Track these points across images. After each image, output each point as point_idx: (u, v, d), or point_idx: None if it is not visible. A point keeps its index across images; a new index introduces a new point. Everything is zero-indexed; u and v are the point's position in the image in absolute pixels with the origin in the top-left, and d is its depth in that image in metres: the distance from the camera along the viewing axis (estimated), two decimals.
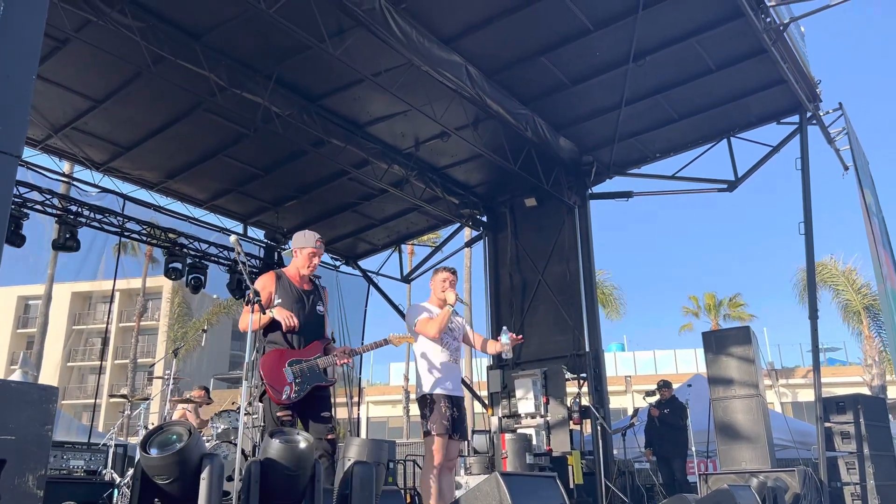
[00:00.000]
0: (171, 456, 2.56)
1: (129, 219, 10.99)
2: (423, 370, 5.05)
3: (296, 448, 2.95)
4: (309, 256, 4.75)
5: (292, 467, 2.95)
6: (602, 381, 11.18)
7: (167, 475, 2.58)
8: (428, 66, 8.48)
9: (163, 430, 2.77)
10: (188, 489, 2.64)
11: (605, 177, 12.16)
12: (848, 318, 27.41)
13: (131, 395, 9.02)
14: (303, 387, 4.39)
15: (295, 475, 2.97)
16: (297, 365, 4.43)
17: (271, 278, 4.66)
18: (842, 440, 9.16)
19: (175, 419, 8.15)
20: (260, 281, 4.67)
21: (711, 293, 35.92)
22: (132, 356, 34.12)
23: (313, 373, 4.46)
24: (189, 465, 2.65)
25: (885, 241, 11.08)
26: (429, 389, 4.99)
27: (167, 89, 8.94)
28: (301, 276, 4.76)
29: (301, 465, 3.04)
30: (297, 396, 4.36)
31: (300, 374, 4.41)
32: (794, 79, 9.74)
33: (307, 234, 4.85)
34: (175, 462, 2.55)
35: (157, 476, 2.62)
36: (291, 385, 4.36)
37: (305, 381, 4.41)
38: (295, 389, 4.36)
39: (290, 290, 4.64)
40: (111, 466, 7.18)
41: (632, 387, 31.74)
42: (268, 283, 4.62)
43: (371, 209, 12.85)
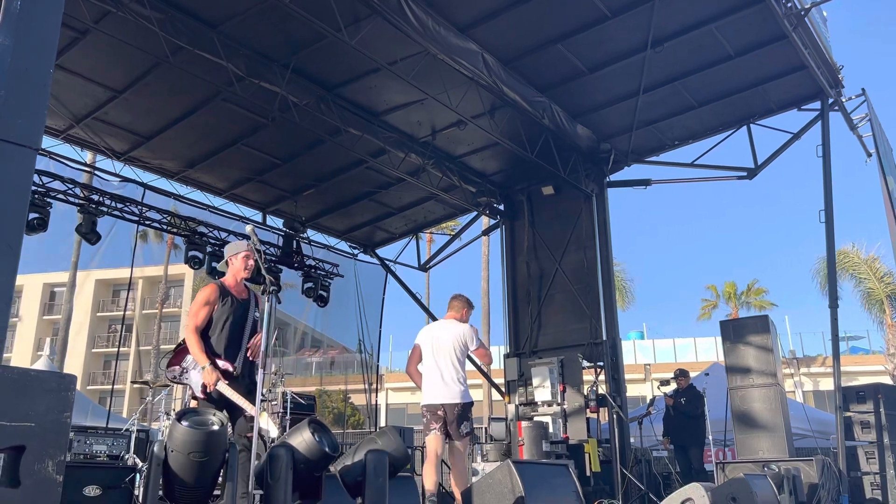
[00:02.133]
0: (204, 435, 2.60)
1: (150, 207, 11.11)
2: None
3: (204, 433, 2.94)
4: (244, 259, 4.94)
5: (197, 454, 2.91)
6: (619, 369, 11.17)
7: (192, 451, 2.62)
8: (444, 54, 8.47)
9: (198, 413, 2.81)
10: (203, 472, 2.70)
11: (622, 165, 12.08)
12: (870, 306, 27.08)
13: (153, 382, 9.18)
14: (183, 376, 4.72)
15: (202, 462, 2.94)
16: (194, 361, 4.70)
17: (215, 293, 4.81)
18: (861, 430, 9.10)
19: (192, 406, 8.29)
20: (203, 295, 4.81)
21: (731, 282, 35.65)
22: (155, 342, 34.61)
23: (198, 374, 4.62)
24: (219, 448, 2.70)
25: None
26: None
27: (186, 79, 9.02)
28: (238, 283, 4.97)
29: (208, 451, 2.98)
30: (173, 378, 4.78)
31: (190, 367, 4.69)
32: (816, 64, 9.60)
33: (237, 242, 5.13)
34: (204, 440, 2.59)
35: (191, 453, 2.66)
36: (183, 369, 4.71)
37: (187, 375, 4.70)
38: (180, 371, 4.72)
39: (231, 303, 4.82)
40: (133, 451, 7.34)
41: (651, 375, 31.62)
42: (211, 297, 4.77)
43: (388, 198, 12.89)
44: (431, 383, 5.70)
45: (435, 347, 5.82)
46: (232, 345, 4.70)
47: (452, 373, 5.68)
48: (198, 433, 2.59)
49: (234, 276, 4.95)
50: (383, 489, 3.02)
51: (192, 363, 4.70)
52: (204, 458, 2.64)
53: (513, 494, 3.57)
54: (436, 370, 5.72)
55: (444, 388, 5.64)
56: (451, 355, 5.74)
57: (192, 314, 4.77)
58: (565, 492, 3.94)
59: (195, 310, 4.76)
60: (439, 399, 5.61)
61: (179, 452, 2.64)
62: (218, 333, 4.73)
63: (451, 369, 5.70)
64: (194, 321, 4.69)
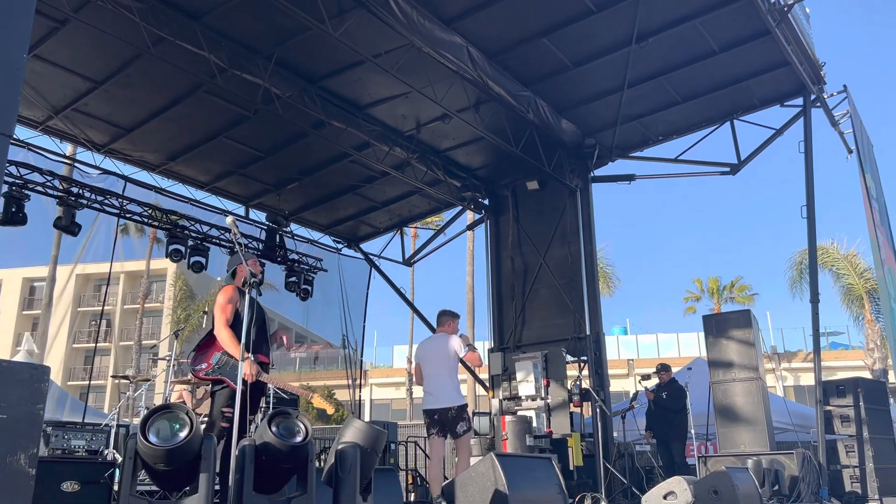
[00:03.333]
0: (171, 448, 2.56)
1: (131, 200, 10.98)
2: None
3: (293, 432, 2.96)
4: (252, 265, 5.12)
5: (286, 452, 2.95)
6: (603, 364, 11.20)
7: (164, 464, 2.59)
8: (429, 47, 8.43)
9: (162, 414, 2.76)
10: (183, 471, 2.66)
11: (607, 160, 12.10)
12: (849, 302, 27.40)
13: (134, 377, 9.08)
14: (215, 372, 5.00)
15: (288, 460, 2.97)
16: (225, 356, 5.01)
17: (236, 292, 5.18)
18: (841, 423, 9.20)
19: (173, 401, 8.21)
20: (226, 294, 5.16)
21: (715, 277, 35.91)
22: (137, 338, 34.31)
23: (233, 370, 4.85)
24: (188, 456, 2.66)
25: (885, 225, 11.04)
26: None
27: (167, 70, 8.90)
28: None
29: (295, 456, 3.04)
30: (204, 376, 5.04)
31: (223, 363, 5.00)
32: (798, 61, 9.66)
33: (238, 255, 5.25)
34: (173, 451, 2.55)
35: (155, 464, 2.63)
36: (210, 366, 5.01)
37: (221, 371, 5.00)
38: (209, 370, 4.99)
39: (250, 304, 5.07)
40: (113, 446, 7.25)
41: (634, 370, 31.78)
42: (234, 296, 5.14)
43: (373, 192, 12.83)
44: (427, 392, 6.51)
45: (428, 360, 6.64)
46: (259, 338, 5.10)
47: (445, 381, 6.45)
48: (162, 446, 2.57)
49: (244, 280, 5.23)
50: (353, 485, 2.99)
51: (223, 360, 4.97)
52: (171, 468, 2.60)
53: (496, 487, 3.55)
54: (431, 380, 6.51)
55: (438, 396, 6.41)
56: (442, 365, 6.49)
57: (221, 311, 5.06)
58: (548, 485, 3.94)
59: (222, 307, 5.08)
60: (434, 405, 6.39)
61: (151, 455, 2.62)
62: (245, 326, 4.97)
63: (443, 378, 6.46)
64: (224, 317, 5.01)
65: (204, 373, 5.06)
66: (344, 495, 2.93)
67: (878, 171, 11.75)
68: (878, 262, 9.75)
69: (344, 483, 2.93)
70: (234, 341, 4.90)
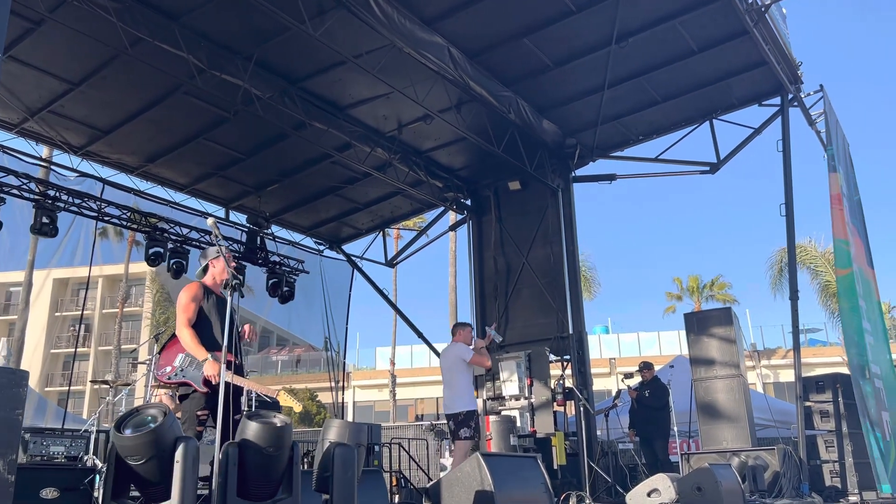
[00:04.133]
0: (143, 436, 2.53)
1: (109, 203, 10.84)
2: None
3: (274, 427, 2.93)
4: (225, 261, 5.06)
5: (271, 448, 2.92)
6: (585, 363, 11.25)
7: (140, 455, 2.55)
8: (410, 47, 8.41)
9: (138, 413, 2.74)
10: (163, 472, 2.63)
11: (588, 160, 12.17)
12: (826, 299, 27.75)
13: (114, 382, 8.96)
14: (179, 375, 4.84)
15: (274, 456, 2.95)
16: (189, 357, 4.86)
17: (200, 290, 5.05)
18: (821, 419, 9.31)
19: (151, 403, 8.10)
20: (190, 292, 5.01)
21: (695, 276, 36.24)
22: (116, 342, 33.92)
23: (196, 370, 4.81)
24: (163, 447, 2.63)
25: (858, 223, 11.17)
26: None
27: (145, 72, 8.80)
28: (217, 283, 5.17)
29: (280, 445, 3.01)
30: (167, 380, 4.91)
31: (186, 365, 4.85)
32: (776, 60, 9.76)
33: (218, 247, 5.21)
34: (148, 442, 2.52)
35: (130, 457, 2.60)
36: (174, 368, 4.85)
37: (184, 373, 4.84)
38: (172, 374, 4.85)
39: (216, 301, 5.06)
40: (93, 452, 7.14)
41: (616, 369, 31.97)
42: (198, 293, 5.02)
43: (354, 193, 12.78)
44: (444, 398, 7.13)
45: (443, 369, 7.24)
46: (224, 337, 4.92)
47: (455, 388, 6.99)
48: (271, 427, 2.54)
49: (216, 278, 5.17)
50: (351, 485, 2.97)
51: (187, 362, 4.82)
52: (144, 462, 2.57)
53: (482, 487, 3.55)
54: (445, 388, 7.13)
55: (450, 402, 6.98)
56: (452, 374, 7.02)
57: (183, 310, 4.93)
58: (534, 484, 3.94)
59: (185, 305, 4.94)
60: (449, 411, 7.03)
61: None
62: (211, 325, 4.93)
63: (453, 385, 7.01)
64: (186, 316, 4.88)
65: (167, 377, 4.91)
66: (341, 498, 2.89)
67: (854, 169, 11.90)
68: (846, 260, 9.85)
69: (341, 484, 2.90)
70: (196, 341, 4.80)
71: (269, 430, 2.80)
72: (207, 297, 5.04)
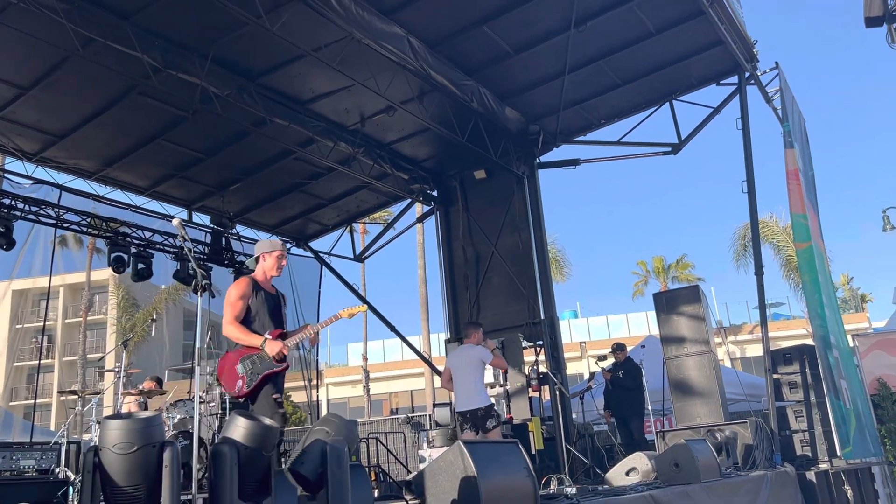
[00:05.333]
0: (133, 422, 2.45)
1: (68, 210, 10.60)
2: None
3: (261, 426, 2.88)
4: (277, 259, 5.07)
5: (262, 448, 2.87)
6: (558, 347, 11.32)
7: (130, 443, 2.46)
8: (369, 39, 8.33)
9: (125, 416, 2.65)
10: (145, 474, 2.56)
11: (552, 146, 12.21)
12: (790, 273, 28.35)
13: (82, 391, 8.77)
14: (253, 377, 4.71)
15: (266, 456, 2.90)
16: (248, 360, 4.75)
17: (249, 286, 4.91)
18: (790, 390, 9.48)
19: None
20: (238, 288, 4.89)
21: (660, 257, 36.74)
22: (81, 352, 33.26)
23: (263, 362, 4.74)
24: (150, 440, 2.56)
25: (813, 198, 11.41)
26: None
27: (99, 73, 8.60)
28: (267, 279, 5.08)
29: (268, 445, 2.96)
30: (248, 388, 4.70)
31: (251, 366, 4.73)
32: (732, 40, 9.88)
33: (273, 240, 5.22)
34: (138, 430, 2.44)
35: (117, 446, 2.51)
36: (242, 379, 4.71)
37: (256, 372, 4.72)
38: (246, 382, 4.70)
39: (265, 297, 4.95)
40: (64, 464, 6.99)
41: (587, 352, 32.29)
42: (246, 291, 4.88)
43: (319, 188, 12.66)
44: (458, 396, 7.53)
45: (457, 368, 7.61)
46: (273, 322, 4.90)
47: (472, 386, 7.41)
48: (132, 422, 2.45)
49: (265, 272, 5.07)
50: (345, 480, 2.94)
51: (249, 363, 4.71)
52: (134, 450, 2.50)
53: (465, 475, 3.54)
54: (461, 386, 7.50)
55: (467, 399, 7.40)
56: (469, 373, 7.44)
57: (231, 306, 4.81)
58: (517, 468, 3.95)
59: (232, 302, 4.82)
60: (465, 407, 7.40)
61: (110, 450, 2.49)
62: (258, 323, 4.83)
63: (471, 384, 7.42)
64: (233, 313, 4.78)
65: (244, 390, 4.72)
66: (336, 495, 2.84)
67: (809, 145, 12.14)
68: (805, 234, 10.05)
69: (337, 481, 2.85)
70: (245, 331, 4.74)
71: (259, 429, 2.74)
72: (256, 293, 4.90)
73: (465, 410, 7.42)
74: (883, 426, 11.42)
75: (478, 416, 7.35)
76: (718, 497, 6.00)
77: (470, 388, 7.45)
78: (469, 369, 7.50)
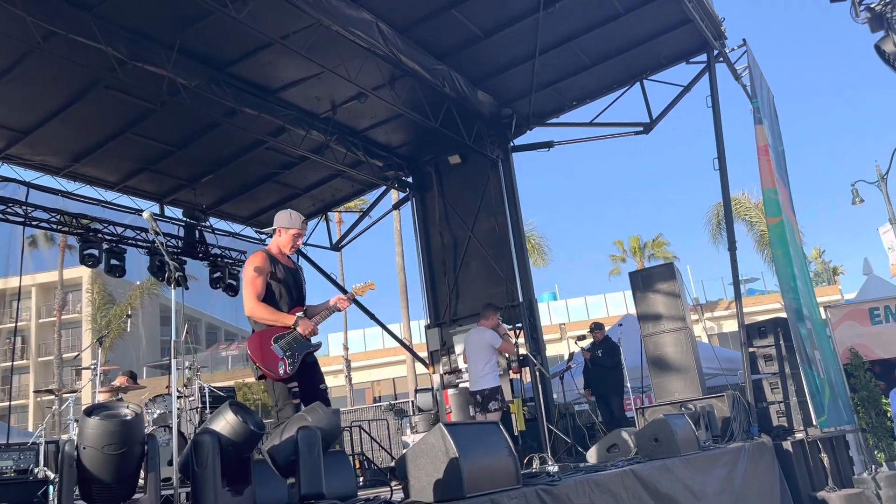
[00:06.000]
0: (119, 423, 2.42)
1: (36, 207, 10.42)
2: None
3: (242, 424, 2.86)
4: (293, 237, 4.93)
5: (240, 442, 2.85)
6: (537, 328, 11.39)
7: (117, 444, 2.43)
8: (337, 25, 8.26)
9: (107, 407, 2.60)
10: (126, 468, 2.55)
11: (525, 128, 12.22)
12: (763, 248, 28.75)
13: (59, 390, 8.66)
14: (295, 357, 4.56)
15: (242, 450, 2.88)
16: (282, 340, 4.57)
17: (265, 260, 4.74)
18: (765, 363, 9.63)
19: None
20: (254, 263, 4.72)
21: (636, 236, 37.06)
22: (56, 351, 32.84)
23: (299, 343, 4.62)
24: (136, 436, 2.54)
25: (784, 173, 11.56)
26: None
27: (62, 67, 8.43)
28: (282, 254, 4.93)
29: (245, 441, 2.94)
30: (292, 369, 4.53)
31: (288, 346, 4.56)
32: (700, 18, 9.93)
33: (293, 215, 4.98)
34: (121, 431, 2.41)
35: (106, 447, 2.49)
36: (284, 360, 4.52)
37: (295, 352, 4.57)
38: (289, 363, 4.53)
39: (283, 271, 4.80)
40: (44, 464, 6.90)
41: (566, 333, 32.54)
42: (263, 265, 4.70)
43: (293, 178, 12.56)
44: (470, 376, 8.07)
45: (469, 349, 8.14)
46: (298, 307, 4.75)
47: (481, 368, 7.87)
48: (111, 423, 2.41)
49: (282, 248, 4.91)
50: (318, 466, 2.94)
51: (286, 345, 4.54)
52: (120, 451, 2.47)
53: (447, 456, 3.56)
54: (472, 367, 8.03)
55: (477, 380, 7.91)
56: (480, 355, 7.90)
57: (251, 285, 4.63)
58: (498, 448, 3.98)
59: (251, 280, 4.64)
60: (474, 387, 7.95)
61: (93, 448, 2.45)
62: (281, 300, 4.67)
63: (480, 365, 7.89)
64: (254, 291, 4.60)
65: (291, 371, 4.51)
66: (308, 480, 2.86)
67: (778, 120, 12.27)
68: (775, 209, 10.17)
69: (307, 467, 2.86)
70: (272, 311, 4.56)
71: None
72: (275, 268, 4.73)
73: (473, 390, 7.98)
74: (855, 394, 11.64)
75: (484, 396, 7.85)
76: (698, 469, 6.10)
77: (479, 369, 7.93)
78: (480, 352, 7.94)
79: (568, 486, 4.19)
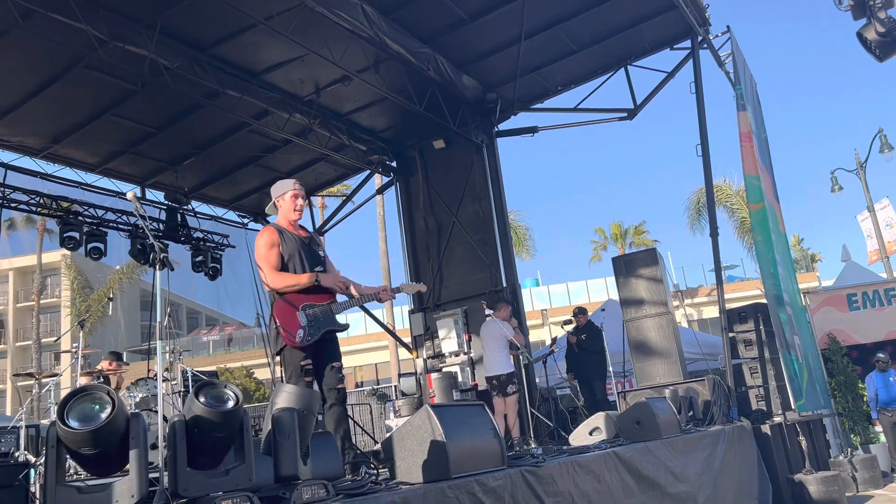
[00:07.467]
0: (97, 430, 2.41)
1: (14, 189, 10.27)
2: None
3: (222, 399, 2.85)
4: (293, 199, 4.85)
5: (219, 421, 2.85)
6: (521, 313, 11.43)
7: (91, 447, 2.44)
8: (322, 6, 8.16)
9: (81, 397, 2.59)
10: (111, 453, 2.54)
11: (509, 113, 12.19)
12: (744, 235, 29.03)
13: (39, 374, 8.60)
14: (316, 330, 4.55)
15: (222, 433, 2.87)
16: (310, 309, 4.57)
17: (274, 232, 4.70)
18: (745, 347, 9.74)
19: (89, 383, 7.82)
20: (263, 237, 4.70)
21: (617, 223, 37.26)
22: (35, 336, 32.51)
23: (326, 317, 4.63)
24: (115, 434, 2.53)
25: (766, 160, 11.66)
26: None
27: (41, 46, 8.29)
28: (292, 223, 4.85)
29: (229, 423, 2.93)
30: (310, 339, 4.52)
31: (313, 317, 4.57)
32: (685, 3, 9.94)
33: (284, 181, 4.95)
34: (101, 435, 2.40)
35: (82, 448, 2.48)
36: (305, 329, 4.51)
37: (318, 325, 4.57)
38: (309, 332, 4.52)
39: (293, 240, 4.72)
40: (24, 447, 6.86)
41: (548, 319, 32.74)
42: (272, 237, 4.66)
43: (276, 161, 12.46)
44: (486, 364, 8.90)
45: (485, 338, 8.92)
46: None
47: (496, 355, 8.70)
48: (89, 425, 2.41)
49: (286, 217, 4.85)
50: (293, 448, 2.94)
51: (311, 313, 4.53)
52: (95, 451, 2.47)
53: (433, 438, 3.58)
54: (487, 355, 8.86)
55: (492, 366, 8.74)
56: (495, 344, 8.70)
57: (264, 259, 4.61)
58: (483, 430, 4.00)
59: (265, 254, 4.61)
60: (491, 373, 8.74)
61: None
62: (293, 269, 4.63)
63: (495, 353, 8.71)
64: (270, 264, 4.56)
65: (308, 340, 4.50)
66: (285, 461, 2.87)
67: (761, 107, 12.36)
68: (758, 195, 10.27)
69: (283, 448, 2.87)
70: (290, 276, 4.53)
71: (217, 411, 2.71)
72: (284, 240, 4.70)
73: (490, 376, 8.73)
74: (833, 379, 11.85)
75: (501, 381, 8.58)
76: (679, 452, 6.17)
77: (494, 357, 8.72)
78: (494, 342, 8.72)
79: (552, 467, 4.23)
